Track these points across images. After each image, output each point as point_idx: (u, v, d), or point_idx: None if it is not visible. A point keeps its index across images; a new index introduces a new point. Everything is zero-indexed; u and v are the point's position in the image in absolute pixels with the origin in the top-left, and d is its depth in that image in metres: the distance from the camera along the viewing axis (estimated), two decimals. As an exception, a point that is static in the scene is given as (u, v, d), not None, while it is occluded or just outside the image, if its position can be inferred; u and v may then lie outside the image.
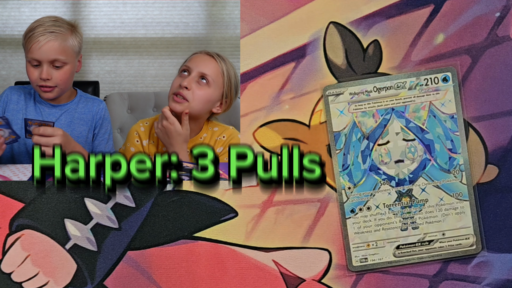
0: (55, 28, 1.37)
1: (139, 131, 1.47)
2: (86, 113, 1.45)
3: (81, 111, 1.45)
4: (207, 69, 1.43)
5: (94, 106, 1.46)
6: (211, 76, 1.42)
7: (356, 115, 1.23)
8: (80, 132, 1.44)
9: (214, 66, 1.44)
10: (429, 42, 1.24)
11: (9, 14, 2.12)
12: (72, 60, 1.40)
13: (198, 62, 1.44)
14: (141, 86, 2.22)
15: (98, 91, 1.97)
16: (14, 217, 1.25)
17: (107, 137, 1.49)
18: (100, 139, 1.47)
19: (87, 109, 1.46)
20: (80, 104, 1.46)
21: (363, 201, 1.23)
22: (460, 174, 1.22)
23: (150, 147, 1.46)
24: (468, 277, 1.23)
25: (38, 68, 1.37)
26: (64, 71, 1.38)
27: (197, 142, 1.45)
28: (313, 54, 1.24)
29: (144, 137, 1.46)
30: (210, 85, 1.42)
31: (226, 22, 2.15)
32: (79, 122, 1.44)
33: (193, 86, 1.41)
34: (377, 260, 1.22)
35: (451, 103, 1.23)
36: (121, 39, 2.16)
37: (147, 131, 1.47)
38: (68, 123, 1.43)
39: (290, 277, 1.23)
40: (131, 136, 1.47)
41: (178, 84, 1.42)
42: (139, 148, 1.45)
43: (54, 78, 1.38)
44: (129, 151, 1.46)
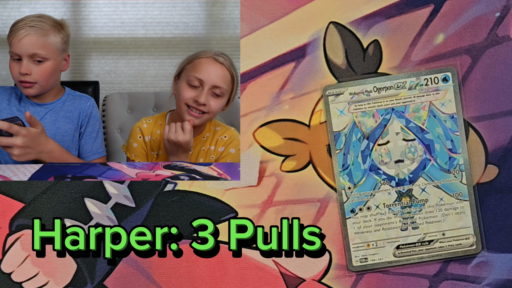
0: (36, 23, 1.35)
1: (142, 128, 1.47)
2: (73, 111, 1.42)
3: (67, 109, 1.42)
4: (219, 81, 1.40)
5: (81, 104, 1.43)
6: (224, 88, 1.40)
7: (356, 115, 1.23)
8: (66, 131, 1.40)
9: (225, 76, 1.41)
10: (429, 42, 1.24)
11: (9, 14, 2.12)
12: (53, 56, 1.36)
13: (210, 74, 1.40)
14: (141, 86, 2.22)
15: (98, 91, 1.97)
16: (14, 217, 1.25)
17: (95, 136, 1.44)
18: (87, 137, 1.43)
19: (73, 107, 1.42)
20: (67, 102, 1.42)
21: (363, 201, 1.23)
22: (460, 174, 1.22)
23: (152, 143, 1.46)
24: (468, 277, 1.23)
25: (19, 63, 1.36)
26: (44, 67, 1.35)
27: (200, 141, 1.45)
28: (313, 54, 1.24)
29: (146, 134, 1.46)
30: (223, 95, 1.41)
31: (226, 22, 2.15)
32: (65, 121, 1.41)
33: (209, 99, 1.39)
34: (377, 260, 1.22)
35: (451, 103, 1.23)
36: (121, 39, 2.16)
37: (149, 128, 1.47)
38: (53, 122, 1.40)
39: (290, 277, 1.23)
40: (134, 133, 1.47)
41: (191, 97, 1.39)
42: (141, 144, 1.45)
43: (34, 74, 1.35)
44: (132, 147, 1.46)
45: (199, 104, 1.39)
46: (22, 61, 1.35)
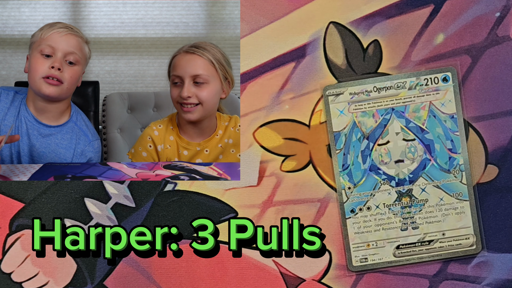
0: (74, 29, 1.38)
1: (153, 136, 1.42)
2: (73, 143, 1.39)
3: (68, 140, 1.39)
4: (196, 69, 1.38)
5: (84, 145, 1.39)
6: (204, 74, 1.38)
7: (356, 115, 1.23)
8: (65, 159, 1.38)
9: (201, 63, 1.39)
10: (429, 42, 1.24)
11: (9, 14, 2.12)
12: (83, 63, 1.37)
13: (184, 67, 1.39)
14: (141, 86, 2.22)
15: (98, 91, 1.97)
16: (14, 217, 1.25)
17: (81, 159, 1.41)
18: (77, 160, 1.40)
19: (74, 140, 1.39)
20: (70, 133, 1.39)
21: (363, 201, 1.23)
22: (460, 174, 1.22)
23: (166, 151, 1.42)
24: (468, 277, 1.23)
25: (49, 59, 1.34)
26: (75, 70, 1.35)
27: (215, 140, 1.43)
28: (313, 54, 1.24)
29: (158, 142, 1.42)
30: (208, 81, 1.39)
31: (226, 22, 2.15)
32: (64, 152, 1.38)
33: (193, 90, 1.38)
34: (377, 260, 1.22)
35: (451, 103, 1.23)
36: (121, 39, 2.16)
37: (161, 135, 1.42)
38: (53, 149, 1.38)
39: (290, 277, 1.23)
40: (144, 141, 1.42)
41: (177, 95, 1.38)
42: (152, 154, 1.41)
43: (64, 73, 1.33)
44: (140, 155, 1.41)
45: (185, 99, 1.38)
46: (56, 56, 1.33)
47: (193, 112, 1.39)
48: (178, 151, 1.42)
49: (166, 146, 1.42)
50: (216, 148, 1.43)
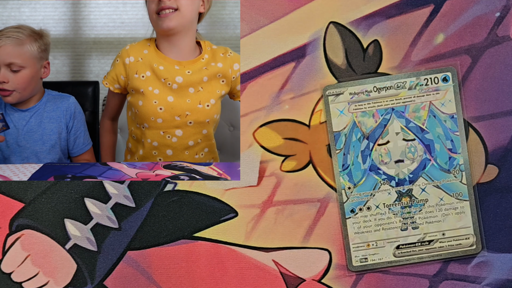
0: (13, 33, 1.41)
1: (123, 51, 1.40)
2: (55, 110, 1.47)
3: (49, 110, 1.47)
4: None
5: (63, 103, 1.48)
6: None
7: (356, 115, 1.23)
8: (51, 130, 1.46)
9: None
10: (429, 42, 1.24)
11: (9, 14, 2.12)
12: (30, 64, 1.42)
13: None
14: (141, 86, 2.22)
15: (98, 91, 1.97)
16: (14, 217, 1.25)
17: (84, 129, 1.50)
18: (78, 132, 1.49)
19: (55, 107, 1.47)
20: (48, 104, 1.47)
21: (363, 201, 1.23)
22: (460, 174, 1.22)
23: (137, 64, 1.40)
24: (468, 277, 1.23)
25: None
26: (21, 75, 1.41)
27: (200, 62, 1.41)
28: (313, 54, 1.24)
29: (126, 55, 1.40)
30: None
31: (226, 22, 2.15)
32: (49, 121, 1.46)
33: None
34: (377, 260, 1.22)
35: (451, 103, 1.23)
36: (121, 39, 2.16)
37: (133, 49, 1.41)
38: (38, 124, 1.45)
39: (290, 277, 1.24)
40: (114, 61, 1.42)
41: (155, 5, 1.34)
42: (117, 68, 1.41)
43: (11, 82, 1.40)
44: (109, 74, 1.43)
45: (164, 3, 1.33)
46: (0, 70, 1.40)
47: (170, 18, 1.35)
48: (152, 65, 1.39)
49: (138, 59, 1.41)
50: (201, 71, 1.40)
